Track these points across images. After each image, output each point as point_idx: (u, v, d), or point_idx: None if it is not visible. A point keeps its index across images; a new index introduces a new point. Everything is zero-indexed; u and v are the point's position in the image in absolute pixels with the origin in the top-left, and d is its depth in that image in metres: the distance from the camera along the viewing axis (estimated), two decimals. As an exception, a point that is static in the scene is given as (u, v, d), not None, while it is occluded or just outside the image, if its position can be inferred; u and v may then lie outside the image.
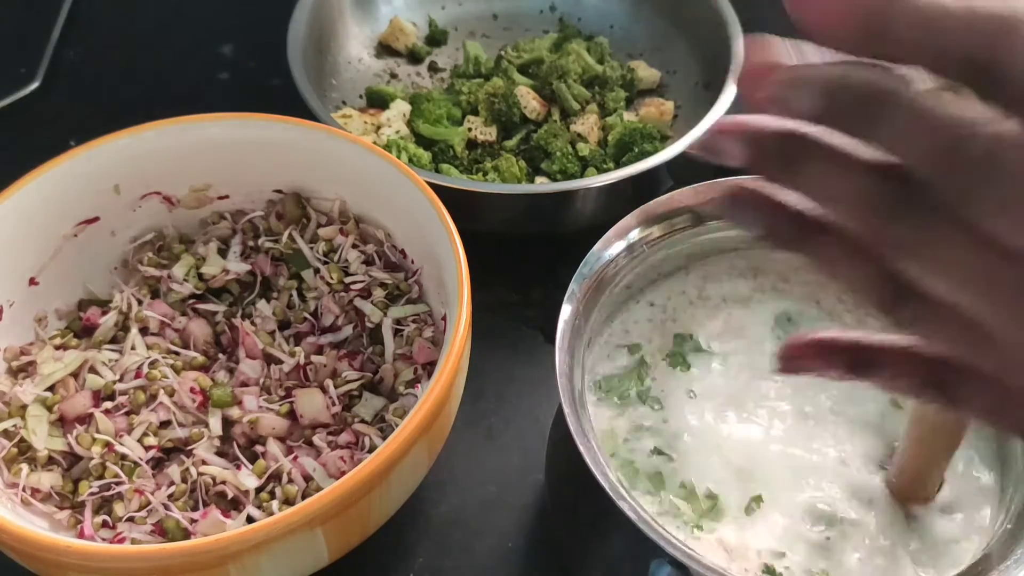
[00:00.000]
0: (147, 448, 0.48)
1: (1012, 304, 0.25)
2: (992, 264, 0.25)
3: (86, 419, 0.49)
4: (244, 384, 0.51)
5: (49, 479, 0.47)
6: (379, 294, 0.54)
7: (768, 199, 0.29)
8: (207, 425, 0.48)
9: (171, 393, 0.49)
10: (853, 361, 0.32)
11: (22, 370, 0.50)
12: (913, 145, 0.25)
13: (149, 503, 0.45)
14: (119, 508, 0.46)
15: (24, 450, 0.47)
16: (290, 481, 0.46)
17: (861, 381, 0.32)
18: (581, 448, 0.39)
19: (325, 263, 0.55)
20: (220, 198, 0.58)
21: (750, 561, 0.42)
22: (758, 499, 0.43)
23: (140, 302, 0.54)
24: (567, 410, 0.40)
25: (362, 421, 0.49)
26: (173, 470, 0.47)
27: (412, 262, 0.55)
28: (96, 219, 0.54)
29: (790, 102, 0.27)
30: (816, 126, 0.27)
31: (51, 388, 0.50)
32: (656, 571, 0.40)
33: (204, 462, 0.47)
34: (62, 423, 0.49)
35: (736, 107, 0.65)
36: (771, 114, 0.28)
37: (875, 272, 0.28)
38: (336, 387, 0.50)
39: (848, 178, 0.27)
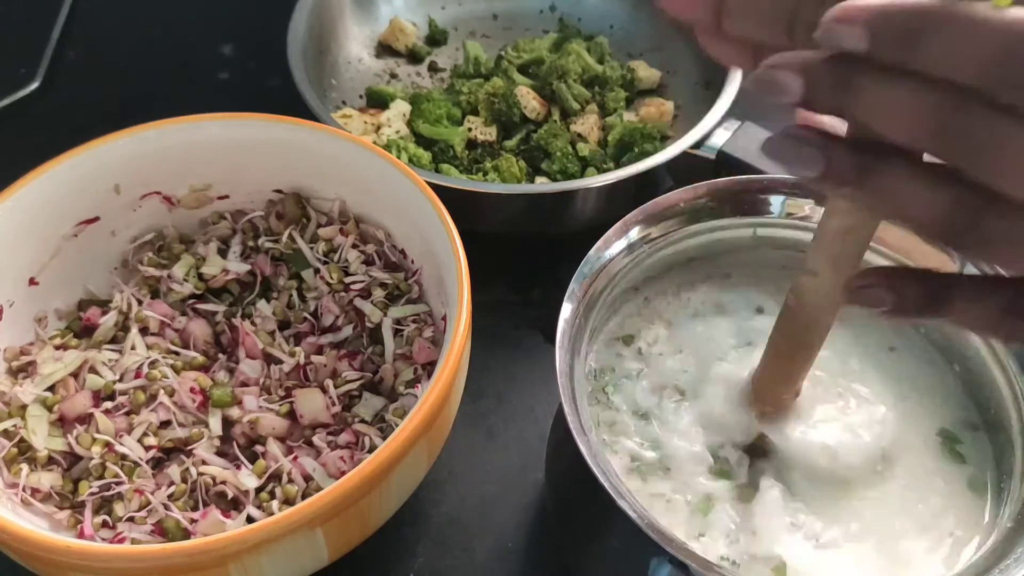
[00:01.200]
0: (147, 448, 0.48)
1: None
2: None
3: (86, 419, 0.49)
4: (244, 384, 0.51)
5: (49, 479, 0.47)
6: (379, 294, 0.54)
7: (822, 135, 0.28)
8: (207, 425, 0.48)
9: (171, 393, 0.49)
10: (927, 295, 0.31)
11: (22, 370, 0.50)
12: (968, 60, 0.25)
13: (149, 503, 0.45)
14: (119, 508, 0.46)
15: (24, 450, 0.47)
16: (290, 481, 0.46)
17: (934, 318, 0.31)
18: (581, 447, 0.39)
19: (325, 263, 0.55)
20: (220, 198, 0.58)
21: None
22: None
23: (140, 302, 0.54)
24: (567, 410, 0.40)
25: (362, 421, 0.49)
26: (173, 470, 0.47)
27: (412, 262, 0.55)
28: (96, 219, 0.54)
29: (840, 39, 0.27)
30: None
31: (51, 388, 0.50)
32: (656, 570, 0.40)
33: (204, 462, 0.47)
34: (62, 423, 0.49)
35: (736, 108, 0.65)
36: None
37: (943, 196, 0.27)
38: (336, 387, 0.50)
39: (910, 88, 0.26)
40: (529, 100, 0.71)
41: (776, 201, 0.50)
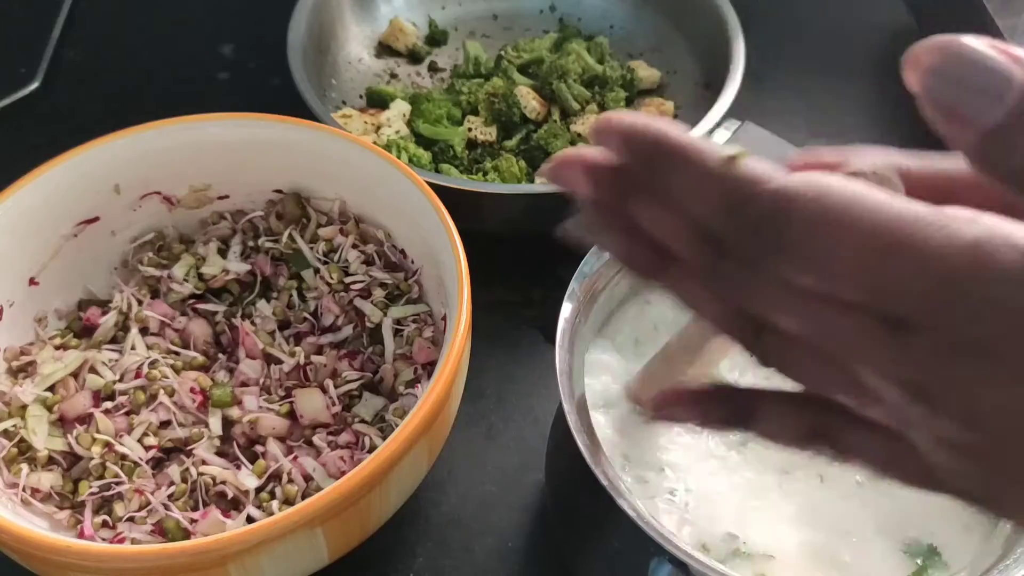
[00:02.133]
0: (147, 448, 0.48)
1: (856, 344, 0.23)
2: (815, 309, 0.24)
3: (86, 419, 0.49)
4: (244, 384, 0.51)
5: (49, 479, 0.47)
6: (379, 294, 0.54)
7: (626, 224, 0.28)
8: (207, 425, 0.48)
9: (171, 393, 0.49)
10: (732, 410, 0.30)
11: (22, 370, 0.50)
12: (703, 203, 0.25)
13: (149, 503, 0.45)
14: (119, 508, 0.46)
15: (24, 450, 0.47)
16: (290, 481, 0.46)
17: (743, 432, 0.30)
18: (581, 448, 0.39)
19: (325, 263, 0.55)
20: (220, 198, 0.58)
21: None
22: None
23: (140, 302, 0.54)
24: (567, 409, 0.40)
25: (362, 421, 0.49)
26: (173, 470, 0.47)
27: (412, 262, 0.55)
28: (96, 219, 0.54)
29: (601, 145, 0.27)
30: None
31: (51, 388, 0.50)
32: (656, 570, 0.40)
33: (204, 462, 0.47)
34: (62, 423, 0.49)
35: (736, 108, 0.65)
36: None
37: (723, 306, 0.27)
38: (336, 387, 0.50)
39: (675, 214, 0.26)
40: (529, 100, 0.71)
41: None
